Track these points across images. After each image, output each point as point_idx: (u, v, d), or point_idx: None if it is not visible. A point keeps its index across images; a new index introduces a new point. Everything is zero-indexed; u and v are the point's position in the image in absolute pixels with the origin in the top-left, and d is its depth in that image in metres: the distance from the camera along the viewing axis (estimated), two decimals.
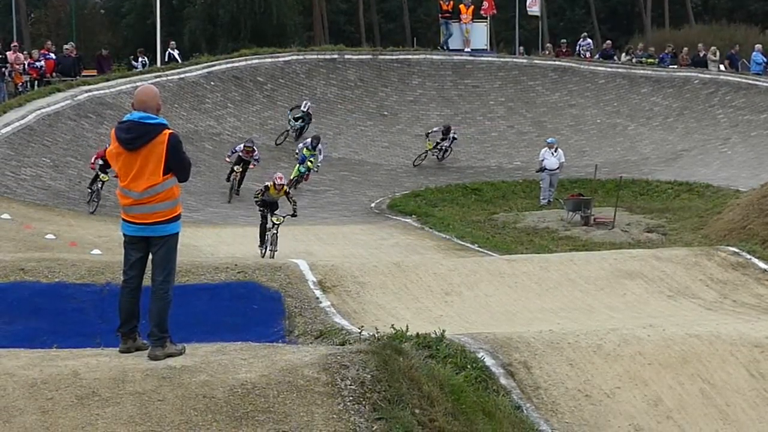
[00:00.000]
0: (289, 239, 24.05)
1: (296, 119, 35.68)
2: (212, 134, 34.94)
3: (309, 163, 31.57)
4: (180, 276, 12.79)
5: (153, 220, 8.84)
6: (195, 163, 23.61)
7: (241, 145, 30.80)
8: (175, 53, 40.32)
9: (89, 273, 14.68)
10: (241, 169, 30.27)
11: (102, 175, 25.69)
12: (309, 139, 32.45)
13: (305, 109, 35.81)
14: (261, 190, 23.16)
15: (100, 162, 25.13)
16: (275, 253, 21.91)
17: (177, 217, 8.97)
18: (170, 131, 8.86)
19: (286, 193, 22.89)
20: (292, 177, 30.76)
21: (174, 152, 8.82)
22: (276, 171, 25.42)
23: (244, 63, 38.61)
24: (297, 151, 32.35)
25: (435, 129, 35.78)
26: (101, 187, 25.95)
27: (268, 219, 22.52)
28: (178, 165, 8.89)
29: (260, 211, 22.85)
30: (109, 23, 62.58)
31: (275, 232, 22.34)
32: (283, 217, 22.50)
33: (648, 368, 11.02)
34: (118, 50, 52.49)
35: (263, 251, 22.30)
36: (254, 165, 30.74)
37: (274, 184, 22.71)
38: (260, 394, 8.32)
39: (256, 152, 30.81)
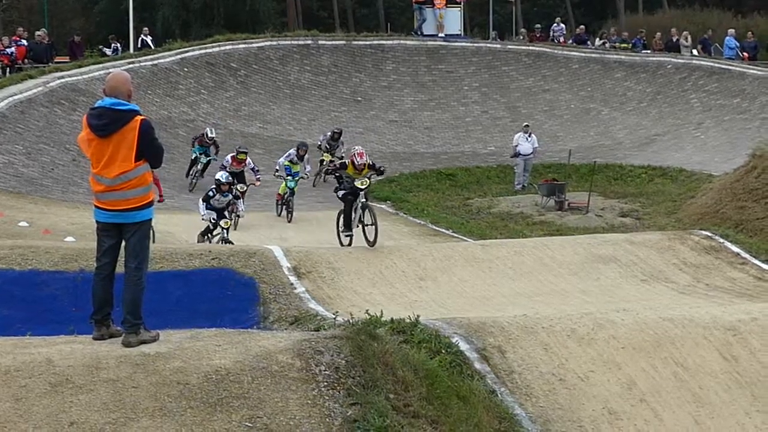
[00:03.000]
0: (263, 226, 24.04)
1: (201, 153, 29.78)
2: (186, 120, 34.78)
3: (303, 175, 27.02)
4: (154, 263, 12.76)
5: (125, 207, 8.80)
6: (168, 150, 23.63)
7: (228, 157, 25.86)
8: (148, 39, 40.03)
9: (63, 260, 14.64)
10: (244, 189, 24.08)
11: None
12: (293, 150, 27.24)
13: (213, 136, 29.91)
14: (335, 166, 19.49)
15: None
16: (376, 227, 17.81)
17: (149, 204, 8.95)
18: (142, 117, 8.83)
19: (371, 166, 18.59)
20: (281, 192, 26.22)
21: (146, 138, 8.79)
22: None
23: (217, 49, 38.42)
24: (278, 166, 26.99)
25: (323, 138, 31.68)
26: None
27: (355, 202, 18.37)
28: (150, 151, 8.86)
29: (344, 194, 18.61)
30: (82, 9, 62.04)
31: (364, 200, 18.36)
32: (368, 179, 18.60)
33: (622, 352, 11.06)
34: (91, 36, 52.08)
35: (350, 237, 18.44)
36: (257, 183, 25.85)
37: (354, 163, 18.41)
38: (234, 380, 8.31)
39: (250, 162, 25.84)
